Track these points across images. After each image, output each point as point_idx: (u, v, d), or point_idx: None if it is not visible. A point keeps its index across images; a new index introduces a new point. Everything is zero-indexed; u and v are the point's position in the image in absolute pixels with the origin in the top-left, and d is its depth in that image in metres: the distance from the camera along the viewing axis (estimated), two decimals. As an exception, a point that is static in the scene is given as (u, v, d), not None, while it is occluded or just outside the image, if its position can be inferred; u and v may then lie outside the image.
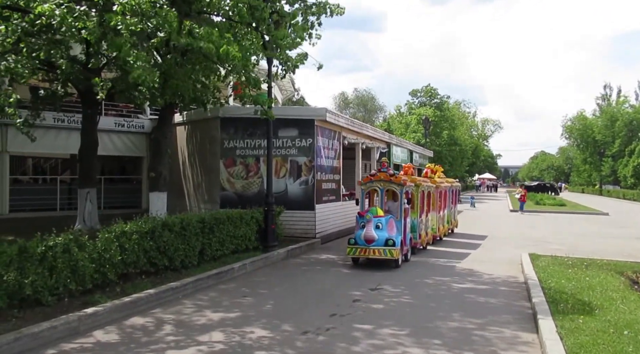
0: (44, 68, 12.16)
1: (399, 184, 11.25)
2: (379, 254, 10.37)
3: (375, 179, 11.43)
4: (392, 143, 24.88)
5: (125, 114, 19.69)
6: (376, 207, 10.95)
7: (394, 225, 10.84)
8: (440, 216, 15.58)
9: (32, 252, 6.54)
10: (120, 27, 7.87)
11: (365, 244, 10.38)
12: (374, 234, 10.31)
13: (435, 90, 50.78)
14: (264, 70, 12.99)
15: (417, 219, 12.74)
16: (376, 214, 10.63)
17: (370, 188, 11.56)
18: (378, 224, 10.45)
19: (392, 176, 11.30)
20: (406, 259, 11.42)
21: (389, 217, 10.84)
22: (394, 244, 10.35)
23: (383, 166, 11.73)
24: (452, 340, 6.07)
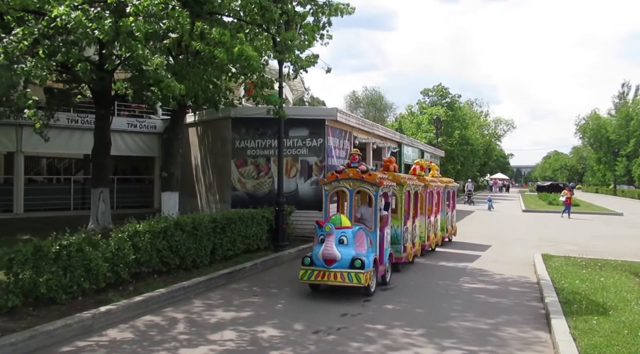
0: (59, 69, 12.30)
1: (373, 184, 8.60)
2: (342, 279, 7.73)
3: (343, 176, 8.81)
4: (403, 143, 24.82)
5: (138, 114, 19.85)
6: (340, 215, 8.36)
7: (364, 239, 8.29)
8: (432, 221, 13.22)
9: (46, 251, 6.62)
10: (133, 28, 7.95)
11: (324, 265, 7.79)
12: (336, 252, 7.73)
13: (447, 89, 50.50)
14: (274, 70, 13.03)
15: (401, 228, 10.47)
16: (339, 225, 8.00)
17: (337, 189, 8.96)
18: (342, 237, 7.89)
19: (364, 173, 8.66)
20: (384, 282, 8.97)
21: (358, 228, 8.27)
22: (363, 265, 7.73)
23: (353, 159, 8.88)
24: (465, 340, 6.05)
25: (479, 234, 17.66)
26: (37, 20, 8.61)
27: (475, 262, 11.55)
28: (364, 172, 8.72)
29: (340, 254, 7.78)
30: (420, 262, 11.54)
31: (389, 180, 9.52)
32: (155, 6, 8.03)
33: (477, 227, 20.64)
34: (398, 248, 10.32)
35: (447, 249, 13.84)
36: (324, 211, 9.12)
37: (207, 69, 11.30)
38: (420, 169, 13.04)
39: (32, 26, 8.06)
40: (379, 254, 8.69)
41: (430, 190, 12.94)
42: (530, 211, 30.64)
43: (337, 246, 7.84)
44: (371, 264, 8.05)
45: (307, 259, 8.01)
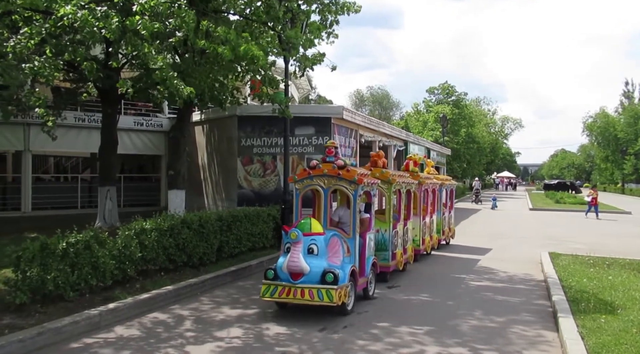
0: (66, 68, 12.37)
1: (351, 182, 7.27)
2: (310, 297, 6.48)
3: (316, 173, 7.49)
4: (409, 141, 24.74)
5: (144, 113, 19.92)
6: (310, 219, 6.98)
7: (339, 247, 7.00)
8: (427, 223, 12.06)
9: (54, 248, 6.66)
10: (139, 27, 7.99)
11: (289, 279, 6.57)
12: (303, 264, 6.46)
13: (453, 87, 50.30)
14: (280, 68, 13.04)
15: (390, 232, 9.24)
16: (309, 231, 6.69)
17: (309, 187, 7.61)
18: (312, 246, 6.61)
19: (341, 169, 7.35)
20: (366, 296, 7.73)
21: (331, 234, 6.93)
22: (336, 279, 6.46)
23: (329, 153, 7.61)
24: (471, 338, 6.04)
25: (483, 233, 17.61)
26: (45, 20, 8.66)
27: (475, 268, 10.89)
28: (341, 168, 7.36)
29: (309, 267, 6.47)
30: (413, 270, 10.34)
31: (374, 177, 8.53)
32: (162, 5, 8.05)
33: (482, 226, 20.57)
34: (386, 255, 9.11)
35: (444, 253, 12.96)
36: (294, 213, 7.75)
37: (213, 67, 11.31)
38: (413, 165, 11.93)
39: (39, 25, 8.11)
40: (358, 264, 7.38)
41: (425, 188, 11.81)
42: (537, 210, 30.50)
43: (306, 256, 6.53)
44: (347, 277, 6.73)
45: (270, 272, 6.71)
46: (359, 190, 7.33)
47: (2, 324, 5.76)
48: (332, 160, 7.55)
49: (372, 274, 7.94)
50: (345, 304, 6.81)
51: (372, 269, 7.91)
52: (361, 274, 7.48)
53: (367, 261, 7.73)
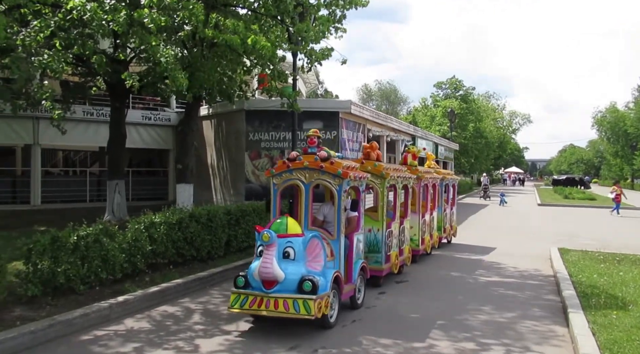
0: (74, 62, 12.40)
1: (335, 176, 6.41)
2: (285, 308, 5.62)
3: (296, 166, 6.63)
4: (417, 136, 24.68)
5: (152, 107, 19.97)
6: (286, 218, 6.11)
7: (320, 250, 6.10)
8: (426, 221, 11.21)
9: (64, 241, 6.69)
10: (146, 20, 7.98)
11: (261, 288, 5.74)
12: (276, 271, 5.61)
13: (461, 82, 50.05)
14: (288, 63, 13.02)
15: (383, 232, 8.34)
16: (284, 232, 5.87)
17: (289, 182, 6.68)
18: (287, 249, 5.78)
19: (325, 161, 6.48)
20: (354, 305, 6.85)
21: (311, 236, 6.04)
22: (315, 288, 5.61)
23: (311, 143, 6.78)
24: (481, 333, 6.01)
25: (491, 229, 17.53)
26: (54, 13, 8.67)
27: (480, 265, 10.46)
28: (324, 160, 6.48)
29: (284, 273, 5.61)
30: (410, 272, 9.55)
31: (365, 171, 7.73)
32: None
33: (490, 222, 20.48)
34: (378, 258, 8.27)
35: (446, 252, 12.20)
36: (272, 212, 6.81)
37: (222, 61, 11.30)
38: (412, 158, 11.08)
39: (48, 19, 8.12)
40: (344, 269, 6.58)
41: (424, 183, 11.04)
42: (545, 205, 30.32)
43: (281, 261, 5.67)
44: (329, 285, 5.90)
45: (240, 280, 5.88)
46: (344, 185, 6.45)
47: (13, 316, 5.80)
48: (314, 151, 6.66)
49: (360, 280, 7.01)
50: (327, 316, 5.91)
51: (360, 275, 7.00)
52: (347, 281, 6.65)
53: (355, 265, 6.87)
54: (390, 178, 8.58)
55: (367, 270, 7.35)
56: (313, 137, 6.83)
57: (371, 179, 8.17)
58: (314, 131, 6.92)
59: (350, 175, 6.50)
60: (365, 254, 7.77)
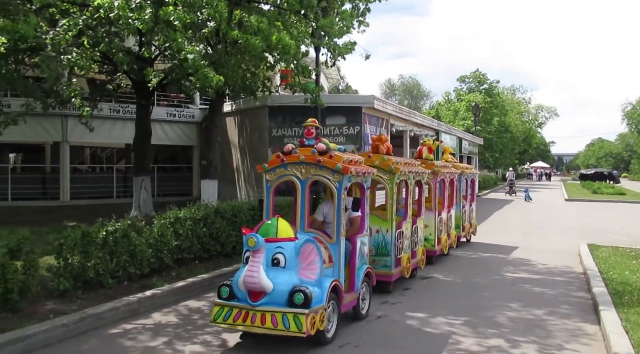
0: (101, 60, 12.61)
1: (335, 171, 5.72)
2: (273, 324, 4.93)
3: (290, 160, 5.93)
4: (440, 130, 24.42)
5: (177, 104, 20.19)
6: (277, 219, 5.35)
7: (316, 256, 5.34)
8: (443, 219, 10.45)
9: (94, 237, 6.84)
10: (172, 18, 8.06)
11: (247, 300, 5.04)
12: (263, 281, 4.91)
13: (484, 75, 49.26)
14: (310, 58, 13.01)
15: (392, 233, 7.60)
16: (274, 235, 5.17)
17: (283, 179, 6.01)
18: (277, 256, 5.09)
19: (323, 155, 5.77)
20: (357, 316, 6.18)
21: (305, 240, 5.28)
22: (308, 301, 4.91)
23: (308, 134, 6.07)
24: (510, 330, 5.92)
25: (516, 224, 17.25)
26: (81, 12, 8.83)
27: (505, 266, 9.73)
28: (322, 154, 5.76)
29: (273, 283, 4.91)
30: (424, 275, 8.81)
31: (371, 165, 7.08)
32: (195, -5, 8.10)
33: (515, 217, 20.17)
34: (387, 262, 7.53)
35: (465, 252, 11.43)
36: (264, 212, 6.13)
37: (245, 57, 11.36)
38: (428, 152, 10.39)
39: (76, 18, 8.27)
40: (345, 276, 5.92)
41: (441, 178, 10.37)
42: (573, 200, 29.70)
43: (269, 269, 4.99)
44: (325, 296, 5.18)
45: (224, 290, 5.19)
46: (344, 181, 5.74)
47: (46, 309, 5.95)
48: (311, 143, 5.94)
49: (365, 288, 6.34)
50: (323, 331, 5.17)
51: (365, 282, 6.29)
52: (349, 289, 5.98)
53: (358, 271, 6.13)
54: (400, 173, 7.76)
55: (372, 276, 6.53)
56: (310, 128, 6.05)
57: (379, 174, 7.49)
58: (312, 121, 6.17)
59: (351, 170, 5.73)
60: (372, 258, 7.32)
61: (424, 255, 8.99)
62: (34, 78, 12.90)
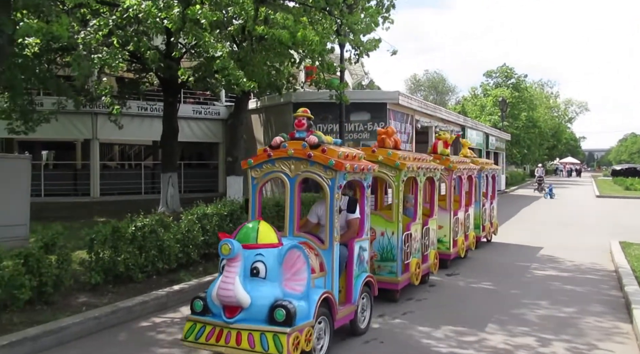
0: (130, 59, 12.86)
1: (327, 168, 5.05)
2: (250, 345, 4.25)
3: (278, 155, 5.28)
4: (466, 126, 24.11)
5: (202, 101, 20.47)
6: (258, 222, 4.71)
7: (302, 265, 4.59)
8: (459, 219, 9.63)
9: (123, 232, 6.98)
10: (199, 17, 8.16)
11: (222, 315, 4.36)
12: (239, 294, 4.24)
13: (512, 69, 48.33)
14: (334, 55, 13.00)
15: (398, 236, 6.87)
16: (254, 241, 4.51)
17: (271, 176, 5.39)
18: (257, 265, 4.41)
19: (315, 148, 5.13)
20: (355, 331, 5.48)
21: (290, 246, 4.55)
22: (291, 317, 4.24)
23: (298, 125, 5.38)
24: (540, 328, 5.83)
25: (545, 221, 16.91)
26: (111, 12, 9.01)
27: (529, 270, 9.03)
28: (314, 147, 5.12)
29: (250, 297, 4.22)
30: (437, 282, 8.03)
31: (374, 161, 6.51)
32: (221, -6, 8.19)
33: (543, 214, 19.78)
34: (393, 268, 6.82)
35: (484, 253, 10.67)
36: (250, 212, 5.61)
37: (270, 54, 11.43)
38: (443, 146, 9.69)
39: (106, 17, 8.46)
40: (340, 286, 5.32)
41: (457, 175, 9.66)
42: (604, 197, 28.96)
43: (247, 280, 4.30)
44: (313, 311, 4.48)
45: (197, 303, 4.54)
46: (337, 179, 5.03)
47: (79, 302, 6.12)
48: (302, 136, 5.29)
49: (366, 299, 5.67)
50: (311, 352, 4.48)
51: (365, 292, 5.60)
52: (346, 301, 5.32)
53: (356, 280, 5.45)
54: (407, 170, 6.94)
55: (374, 285, 5.80)
56: (301, 118, 5.37)
57: (383, 170, 6.83)
58: (303, 110, 5.46)
59: (346, 166, 5.03)
60: (377, 263, 6.86)
61: (436, 259, 8.17)
62: (64, 77, 13.23)
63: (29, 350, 4.89)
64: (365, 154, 6.33)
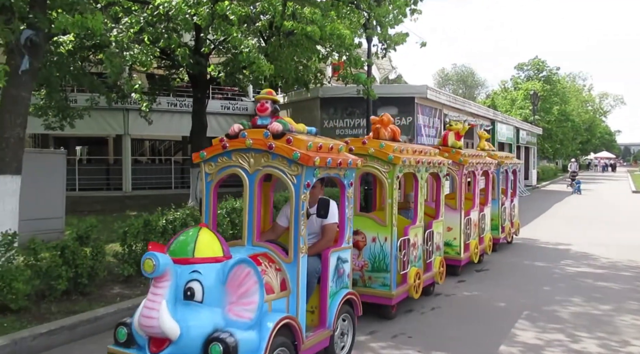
0: (160, 56, 13.08)
1: (292, 162, 4.14)
2: None
3: (235, 146, 4.37)
4: (496, 120, 23.69)
5: (230, 97, 20.66)
6: (199, 229, 3.70)
7: (253, 284, 3.59)
8: (472, 219, 8.59)
9: (154, 225, 7.13)
10: (228, 12, 8.24)
11: (146, 349, 3.43)
12: (165, 323, 3.27)
13: (544, 62, 47.23)
14: (361, 49, 12.93)
15: (392, 242, 5.82)
16: (190, 255, 3.55)
17: (227, 171, 4.43)
18: (192, 285, 3.45)
19: (278, 138, 4.25)
20: None
21: (237, 261, 3.55)
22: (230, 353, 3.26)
23: (261, 110, 4.51)
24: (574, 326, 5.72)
25: (577, 216, 16.50)
26: (142, 9, 9.19)
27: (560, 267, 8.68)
28: (276, 137, 4.23)
29: (180, 327, 3.32)
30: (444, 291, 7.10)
31: (360, 154, 5.58)
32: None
33: (576, 210, 19.31)
34: (386, 280, 5.79)
35: (503, 258, 9.66)
36: (204, 215, 4.58)
37: (297, 50, 11.45)
38: (455, 138, 8.60)
39: (138, 15, 8.63)
40: (312, 307, 4.50)
41: (469, 170, 8.55)
42: None
43: (179, 304, 3.41)
44: (265, 344, 3.58)
45: (121, 331, 3.62)
46: (303, 176, 4.09)
47: (113, 293, 6.30)
48: (265, 123, 4.38)
49: (347, 321, 4.72)
50: None
51: (344, 312, 4.64)
52: (318, 325, 4.41)
53: (332, 299, 4.49)
54: (402, 164, 5.89)
55: (357, 305, 4.81)
56: (264, 102, 4.46)
57: (373, 165, 5.92)
58: (268, 91, 4.56)
59: (314, 160, 4.06)
60: (367, 274, 5.89)
61: (443, 267, 7.10)
62: (96, 74, 13.56)
63: (66, 338, 5.07)
64: (355, 146, 5.78)
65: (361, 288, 5.72)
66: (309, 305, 4.42)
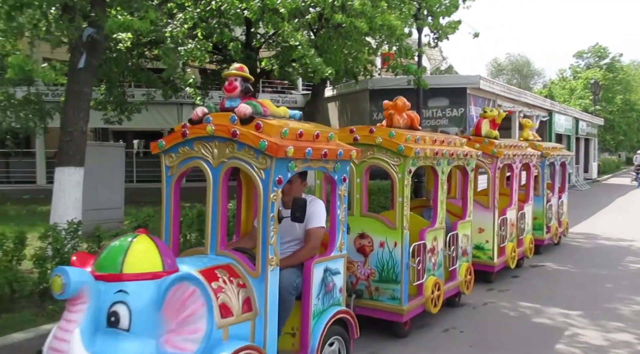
0: (212, 51, 13.38)
1: (259, 153, 3.31)
2: None
3: (196, 134, 3.61)
4: (554, 111, 22.75)
5: (280, 90, 20.86)
6: (134, 236, 2.89)
7: (199, 308, 2.75)
8: (508, 219, 7.48)
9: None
10: (278, 6, 8.32)
11: None
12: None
13: (605, 49, 44.83)
14: (411, 39, 12.71)
15: (404, 248, 4.90)
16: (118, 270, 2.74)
17: (189, 164, 3.72)
18: (116, 308, 2.66)
19: (245, 124, 3.42)
20: None
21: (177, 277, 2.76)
22: None
23: (229, 90, 3.65)
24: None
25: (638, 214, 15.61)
26: (195, 5, 9.42)
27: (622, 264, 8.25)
28: (244, 122, 3.47)
29: None
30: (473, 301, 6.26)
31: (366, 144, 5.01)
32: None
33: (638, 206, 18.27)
34: (396, 292, 4.91)
35: (547, 262, 8.57)
36: (164, 214, 3.97)
37: (347, 42, 11.40)
38: (490, 126, 7.57)
39: (191, 11, 8.86)
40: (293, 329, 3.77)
41: (504, 163, 7.44)
42: None
43: (98, 334, 2.66)
44: None
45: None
46: (273, 170, 3.33)
47: (169, 281, 6.51)
48: (233, 105, 3.59)
49: (339, 344, 3.96)
50: None
51: (334, 335, 3.89)
52: (300, 350, 3.70)
53: (318, 319, 3.77)
54: (415, 156, 4.91)
55: (352, 325, 4.06)
56: (233, 80, 3.65)
57: (381, 157, 5.03)
58: (239, 67, 3.71)
59: (287, 150, 3.30)
60: (375, 284, 5.01)
61: (470, 274, 6.10)
62: (152, 69, 14.03)
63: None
64: (361, 135, 5.04)
65: (367, 301, 4.95)
66: (289, 326, 3.71)
